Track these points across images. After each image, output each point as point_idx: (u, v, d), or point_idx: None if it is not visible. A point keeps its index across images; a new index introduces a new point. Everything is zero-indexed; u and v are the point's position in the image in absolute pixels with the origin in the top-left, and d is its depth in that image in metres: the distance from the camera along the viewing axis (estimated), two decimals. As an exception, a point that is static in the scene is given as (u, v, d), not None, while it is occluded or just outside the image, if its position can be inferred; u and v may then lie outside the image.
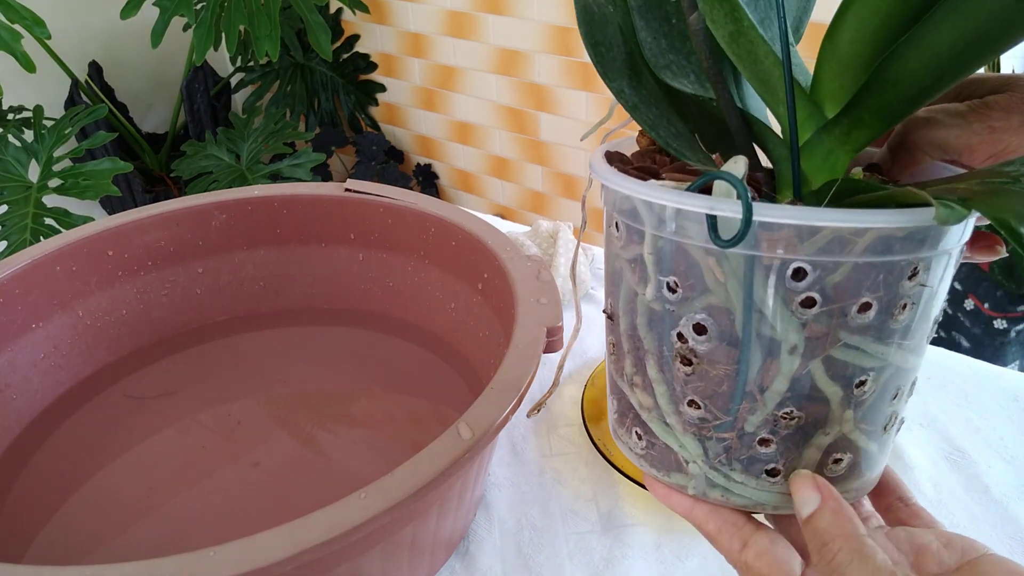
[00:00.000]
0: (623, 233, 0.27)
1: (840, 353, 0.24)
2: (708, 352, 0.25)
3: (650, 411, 0.28)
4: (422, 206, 0.60)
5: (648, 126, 0.28)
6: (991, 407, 0.57)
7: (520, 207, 1.84)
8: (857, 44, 0.24)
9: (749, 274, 0.24)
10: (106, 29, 1.71)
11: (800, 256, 0.23)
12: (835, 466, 0.27)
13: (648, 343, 0.27)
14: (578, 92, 1.56)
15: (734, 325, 0.24)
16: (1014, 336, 1.06)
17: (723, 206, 0.23)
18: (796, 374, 0.25)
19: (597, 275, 0.76)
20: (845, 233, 0.22)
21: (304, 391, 0.58)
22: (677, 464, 0.28)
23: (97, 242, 0.57)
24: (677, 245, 0.25)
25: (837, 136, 0.26)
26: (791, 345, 0.24)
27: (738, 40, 0.25)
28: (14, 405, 0.53)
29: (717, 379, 0.25)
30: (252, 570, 0.30)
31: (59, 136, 1.26)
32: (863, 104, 0.25)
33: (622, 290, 0.28)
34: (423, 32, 1.76)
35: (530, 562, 0.46)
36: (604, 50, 0.28)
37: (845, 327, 0.24)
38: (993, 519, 0.48)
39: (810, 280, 0.23)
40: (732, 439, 0.26)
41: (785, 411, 0.25)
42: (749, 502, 0.27)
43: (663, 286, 0.26)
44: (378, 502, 0.33)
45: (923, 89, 0.23)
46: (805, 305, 0.24)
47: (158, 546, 0.46)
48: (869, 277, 0.23)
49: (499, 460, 0.54)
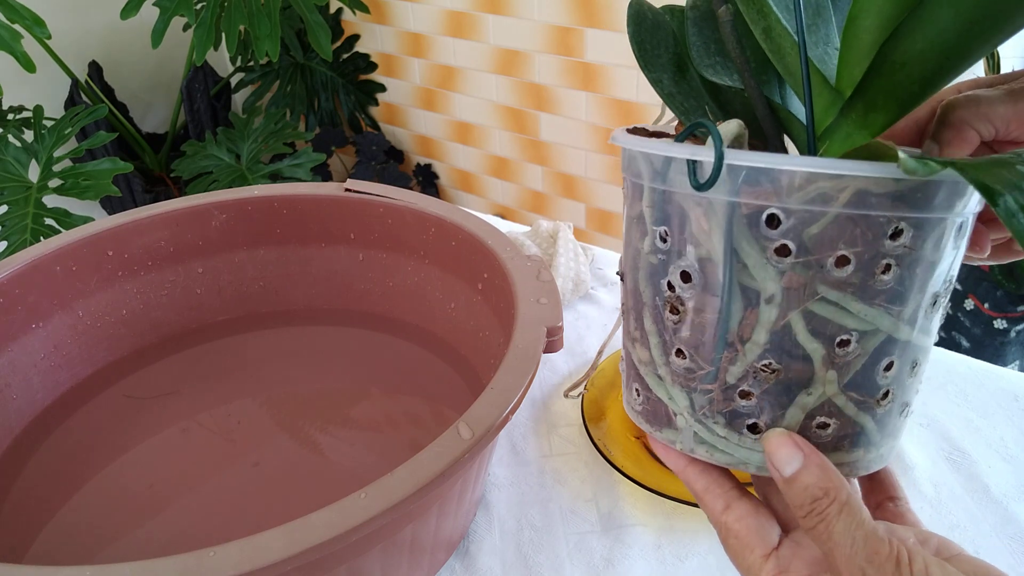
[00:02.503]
0: (629, 191, 0.29)
1: (819, 308, 0.25)
2: (693, 300, 0.27)
3: (646, 364, 0.30)
4: (422, 206, 0.60)
5: (681, 112, 0.31)
6: (991, 407, 0.57)
7: (520, 207, 1.84)
8: (872, 30, 0.25)
9: (729, 222, 0.25)
10: (106, 29, 1.71)
11: (770, 203, 0.24)
12: (820, 431, 0.27)
13: (646, 296, 0.29)
14: (578, 92, 1.56)
15: (718, 275, 0.26)
16: (1014, 336, 1.06)
17: (701, 152, 0.25)
18: (775, 327, 0.26)
19: (597, 275, 0.76)
20: (824, 186, 0.24)
21: (304, 391, 0.58)
22: (668, 418, 0.29)
23: (97, 242, 0.57)
24: (668, 196, 0.27)
25: (854, 119, 0.27)
26: (768, 294, 0.25)
27: (770, 36, 0.27)
28: (14, 405, 0.53)
29: (701, 327, 0.27)
30: (252, 570, 0.30)
31: (59, 136, 1.26)
32: (873, 86, 0.26)
33: (630, 249, 0.30)
34: (423, 32, 1.76)
35: (530, 562, 0.46)
36: (649, 48, 0.32)
37: (823, 280, 0.25)
38: (993, 519, 0.48)
39: (784, 228, 0.24)
40: (716, 391, 0.27)
41: (764, 363, 0.26)
42: (732, 459, 0.28)
43: (657, 237, 0.28)
44: (378, 502, 0.33)
45: (932, 70, 0.24)
46: (780, 253, 0.25)
47: (158, 546, 0.46)
48: (847, 231, 0.24)
49: (499, 460, 0.54)
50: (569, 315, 0.70)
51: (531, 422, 0.57)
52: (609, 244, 1.68)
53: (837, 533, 0.24)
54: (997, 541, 0.46)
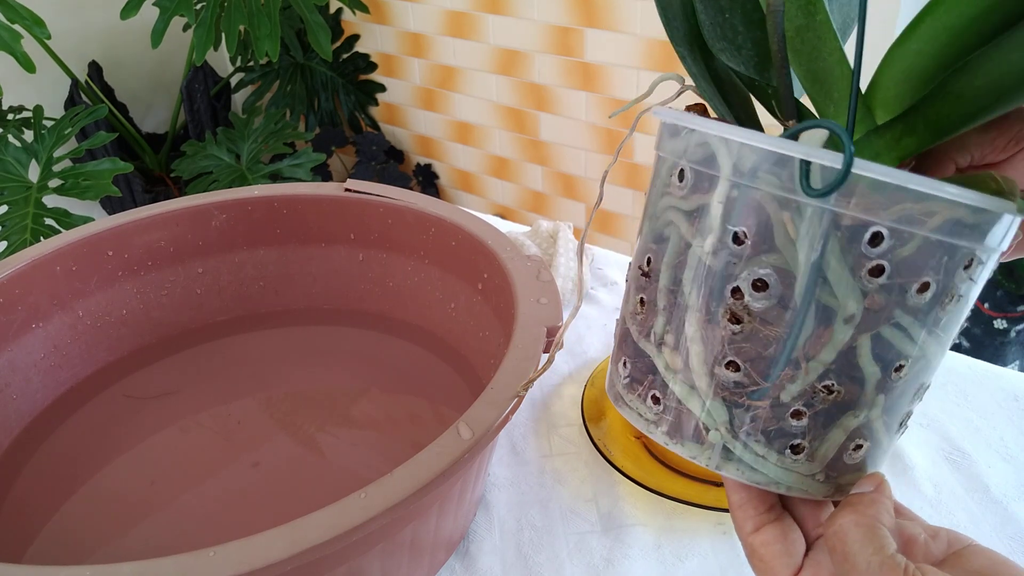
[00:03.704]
0: (689, 181, 0.26)
1: (889, 332, 0.24)
2: (762, 311, 0.25)
3: (676, 373, 0.27)
4: (422, 206, 0.60)
5: (703, 95, 0.29)
6: (991, 407, 0.57)
7: (520, 207, 1.84)
8: (924, 56, 0.25)
9: (825, 232, 0.23)
10: (106, 29, 1.71)
11: (881, 220, 0.23)
12: (855, 453, 0.27)
13: (692, 298, 0.26)
14: (578, 92, 1.56)
15: (792, 286, 0.24)
16: (1014, 336, 1.06)
17: (822, 154, 0.22)
18: (844, 346, 0.24)
19: (597, 275, 0.76)
20: (934, 209, 0.23)
21: (304, 391, 0.58)
22: (695, 432, 0.27)
23: (97, 242, 0.57)
24: (752, 195, 0.24)
25: (888, 141, 0.26)
26: (849, 314, 0.24)
27: (804, 35, 0.26)
28: (14, 405, 0.53)
29: (765, 341, 0.25)
30: (252, 570, 0.30)
31: (59, 136, 1.26)
32: (921, 113, 0.25)
33: (670, 243, 0.27)
34: (423, 32, 1.76)
35: (530, 562, 0.46)
36: (671, 18, 0.30)
37: (902, 305, 0.24)
38: (993, 519, 0.48)
39: (884, 247, 0.23)
40: (764, 408, 0.26)
41: (826, 383, 0.25)
42: (764, 479, 0.27)
43: (729, 236, 0.25)
44: (378, 502, 0.33)
45: (982, 107, 0.24)
46: (873, 273, 0.24)
47: (158, 546, 0.46)
48: (935, 257, 0.24)
49: (499, 460, 0.54)
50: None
51: (531, 422, 0.57)
52: (609, 244, 1.68)
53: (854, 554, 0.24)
54: (997, 541, 0.46)
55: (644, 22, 1.40)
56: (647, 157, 1.53)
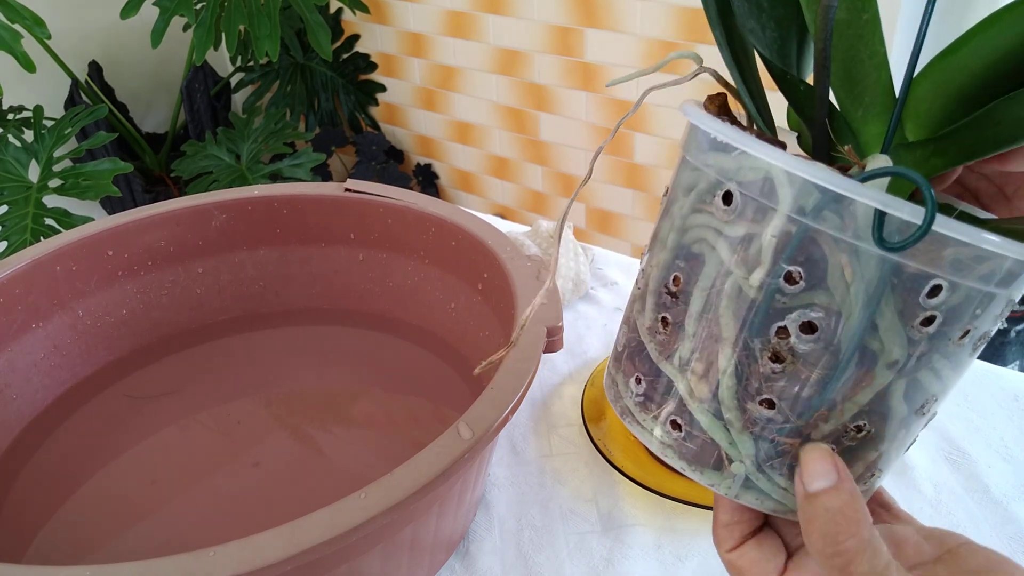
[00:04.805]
0: (738, 206, 0.24)
1: (924, 375, 0.24)
2: (806, 353, 0.24)
3: (702, 402, 0.26)
4: (422, 206, 0.60)
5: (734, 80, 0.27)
6: (991, 407, 0.57)
7: (520, 207, 1.84)
8: (966, 73, 0.23)
9: (883, 281, 0.22)
10: (106, 29, 1.71)
11: (942, 273, 0.22)
12: (869, 480, 0.27)
13: (728, 330, 0.25)
14: (578, 92, 1.56)
15: (838, 328, 0.23)
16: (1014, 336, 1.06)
17: (899, 206, 0.21)
18: (883, 389, 0.24)
19: (597, 275, 0.76)
20: (994, 264, 0.22)
21: (304, 391, 0.58)
22: (716, 461, 0.27)
23: (97, 242, 0.57)
24: (812, 233, 0.23)
25: (916, 158, 0.25)
26: (892, 359, 0.23)
27: (844, 31, 0.24)
28: (14, 405, 0.53)
29: (804, 381, 0.24)
30: (252, 570, 0.30)
31: (59, 136, 1.26)
32: (958, 135, 0.24)
33: (706, 267, 0.25)
34: (423, 32, 1.76)
35: (530, 562, 0.46)
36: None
37: (942, 351, 0.24)
38: (993, 519, 0.48)
39: (941, 299, 0.23)
40: (795, 444, 0.25)
41: (858, 423, 0.25)
42: (781, 507, 0.27)
43: (781, 275, 0.23)
44: (378, 502, 0.33)
45: (1017, 136, 0.23)
46: (925, 323, 0.23)
47: (158, 546, 0.46)
48: (980, 305, 0.23)
49: (499, 460, 0.54)
50: (569, 315, 0.70)
51: (531, 422, 0.57)
52: (609, 244, 1.68)
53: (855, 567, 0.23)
54: (997, 541, 0.46)
55: (644, 22, 1.40)
56: (647, 157, 1.53)
